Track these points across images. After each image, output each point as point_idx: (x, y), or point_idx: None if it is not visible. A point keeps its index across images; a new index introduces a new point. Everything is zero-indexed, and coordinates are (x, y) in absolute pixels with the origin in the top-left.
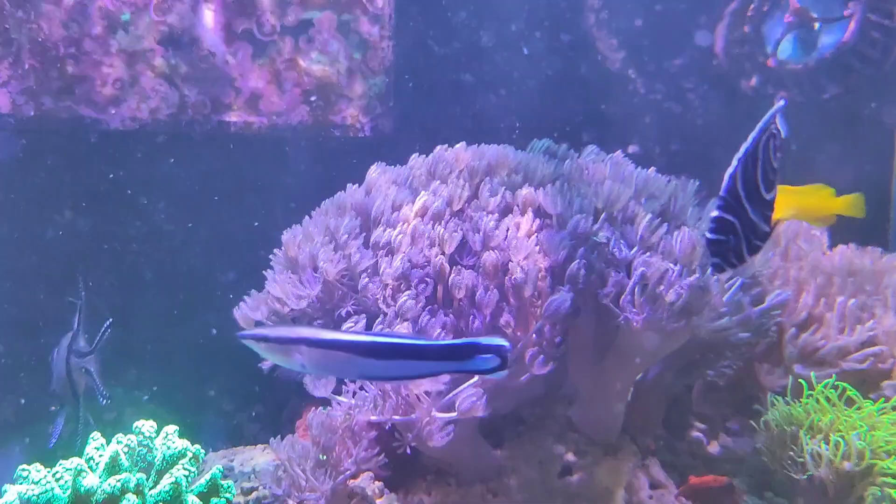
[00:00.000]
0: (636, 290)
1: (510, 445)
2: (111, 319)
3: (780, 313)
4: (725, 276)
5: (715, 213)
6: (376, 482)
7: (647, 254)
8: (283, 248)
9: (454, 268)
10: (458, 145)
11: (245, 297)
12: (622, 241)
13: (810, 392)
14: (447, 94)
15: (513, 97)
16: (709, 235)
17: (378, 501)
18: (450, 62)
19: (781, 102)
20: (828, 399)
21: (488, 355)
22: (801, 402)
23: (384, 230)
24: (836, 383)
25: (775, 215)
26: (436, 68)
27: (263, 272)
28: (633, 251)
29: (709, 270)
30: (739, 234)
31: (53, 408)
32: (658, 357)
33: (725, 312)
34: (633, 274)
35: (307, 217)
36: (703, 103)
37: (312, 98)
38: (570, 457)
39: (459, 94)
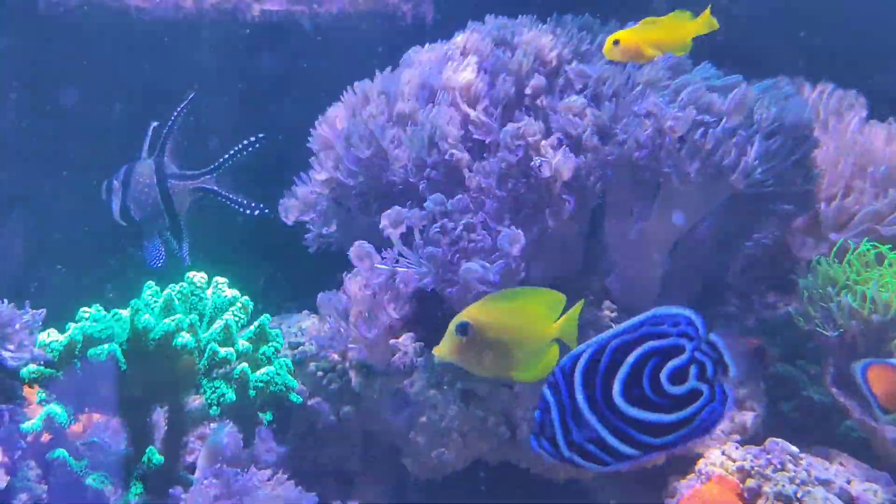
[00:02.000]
0: (670, 143)
1: None
2: (262, 135)
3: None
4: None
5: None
6: (417, 342)
7: (682, 109)
8: (317, 134)
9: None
10: None
11: (296, 182)
12: (656, 99)
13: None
14: None
15: None
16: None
17: (418, 360)
18: None
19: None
20: (865, 262)
21: None
22: (836, 264)
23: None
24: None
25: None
26: None
27: (310, 160)
28: (668, 107)
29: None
30: (553, 420)
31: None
32: (695, 215)
33: (760, 165)
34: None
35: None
36: None
37: None
38: (607, 323)
39: None
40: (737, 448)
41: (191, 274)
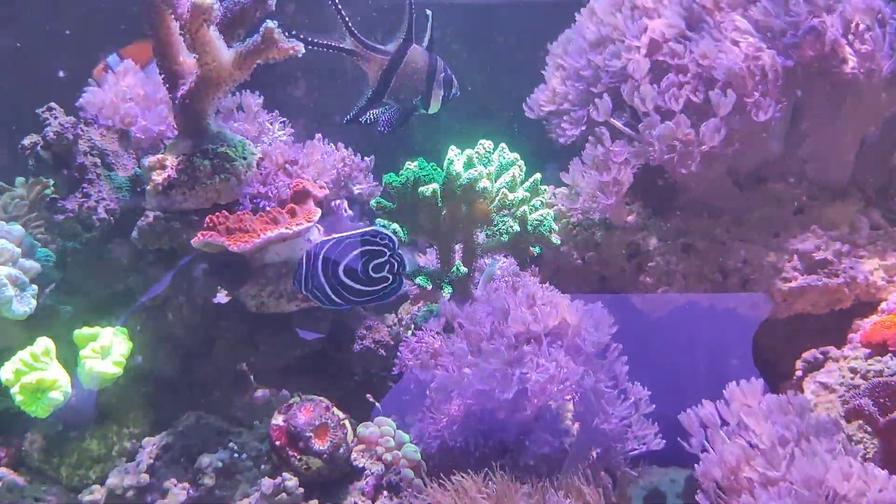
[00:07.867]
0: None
1: (751, 188)
2: None
3: None
4: None
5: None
6: (645, 207)
7: None
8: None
9: None
10: None
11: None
12: None
13: None
14: None
15: None
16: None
17: (648, 221)
18: None
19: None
20: None
21: None
22: None
23: None
24: None
25: None
26: None
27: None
28: None
29: None
30: (301, 273)
31: None
32: (883, 109)
33: None
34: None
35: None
36: None
37: None
38: (804, 199)
39: None
40: None
41: (482, 141)
